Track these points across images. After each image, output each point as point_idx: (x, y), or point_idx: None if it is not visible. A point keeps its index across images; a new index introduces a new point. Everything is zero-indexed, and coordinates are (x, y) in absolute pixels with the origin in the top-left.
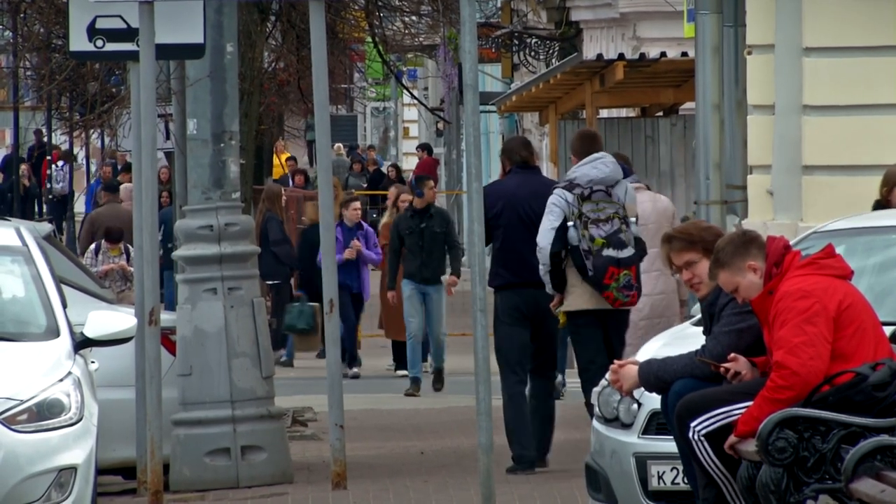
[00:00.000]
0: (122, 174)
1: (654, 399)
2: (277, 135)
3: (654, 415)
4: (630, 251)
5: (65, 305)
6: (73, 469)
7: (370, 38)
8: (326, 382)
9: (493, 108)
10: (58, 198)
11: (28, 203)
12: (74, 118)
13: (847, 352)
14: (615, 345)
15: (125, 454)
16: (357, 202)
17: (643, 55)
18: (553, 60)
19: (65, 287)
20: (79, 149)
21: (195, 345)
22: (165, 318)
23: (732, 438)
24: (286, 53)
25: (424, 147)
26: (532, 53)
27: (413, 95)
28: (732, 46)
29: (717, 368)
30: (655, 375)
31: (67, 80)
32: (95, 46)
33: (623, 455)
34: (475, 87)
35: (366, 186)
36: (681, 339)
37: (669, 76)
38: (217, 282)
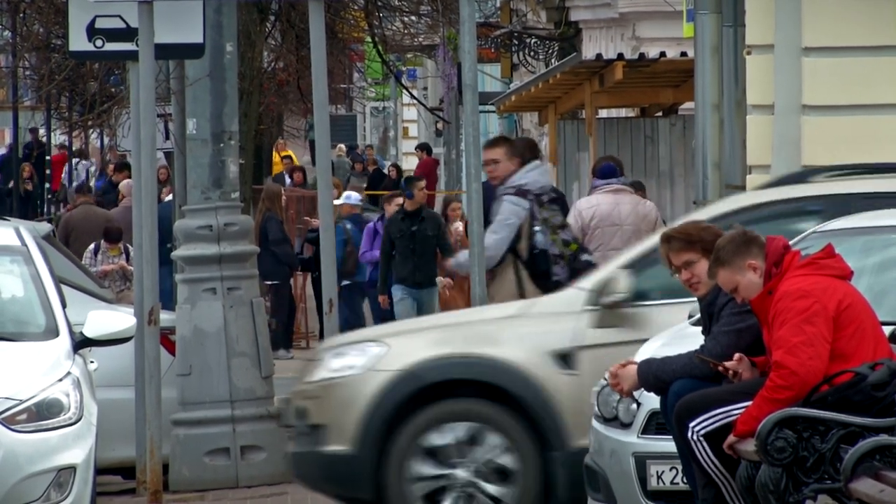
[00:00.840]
0: (116, 173)
1: (654, 399)
2: (277, 134)
3: (654, 414)
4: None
5: (64, 305)
6: (73, 469)
7: (370, 38)
8: None
9: (493, 108)
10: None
11: (30, 203)
12: (73, 118)
13: (846, 352)
14: None
15: (124, 454)
16: (399, 198)
17: (642, 55)
18: (552, 60)
19: (64, 287)
20: (77, 148)
21: (194, 345)
22: (165, 318)
23: (731, 438)
24: (285, 53)
25: (424, 147)
26: (531, 53)
27: (412, 95)
28: (732, 46)
29: (717, 367)
30: (654, 375)
31: (67, 80)
32: (95, 46)
33: (622, 455)
34: (474, 87)
35: (366, 186)
36: (680, 339)
37: (669, 76)
38: (216, 282)
